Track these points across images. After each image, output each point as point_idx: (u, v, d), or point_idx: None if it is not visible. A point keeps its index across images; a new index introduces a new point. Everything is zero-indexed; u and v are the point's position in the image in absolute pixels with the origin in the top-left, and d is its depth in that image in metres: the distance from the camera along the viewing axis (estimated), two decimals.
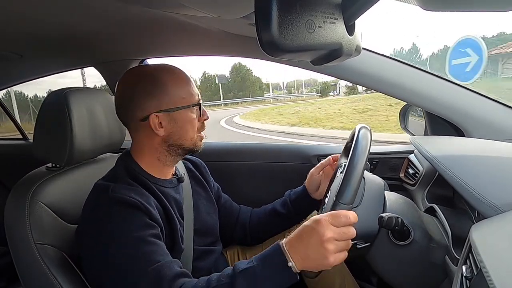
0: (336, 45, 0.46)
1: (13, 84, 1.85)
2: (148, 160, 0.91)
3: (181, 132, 0.89)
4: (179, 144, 0.90)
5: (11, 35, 1.05)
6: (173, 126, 0.88)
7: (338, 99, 20.34)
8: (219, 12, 0.78)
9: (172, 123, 0.87)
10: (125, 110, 0.89)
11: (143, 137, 0.89)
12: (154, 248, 0.77)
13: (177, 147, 0.90)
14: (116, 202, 0.79)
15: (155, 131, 0.87)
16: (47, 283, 0.85)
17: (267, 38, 0.38)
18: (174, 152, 0.91)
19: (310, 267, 0.69)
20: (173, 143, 0.89)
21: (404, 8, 66.68)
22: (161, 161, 0.91)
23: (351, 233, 0.69)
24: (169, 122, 0.87)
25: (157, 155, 0.90)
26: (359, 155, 0.76)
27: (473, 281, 0.55)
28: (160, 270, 0.74)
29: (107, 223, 0.77)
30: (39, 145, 0.95)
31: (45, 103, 0.94)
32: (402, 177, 1.25)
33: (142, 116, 0.86)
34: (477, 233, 0.62)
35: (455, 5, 0.37)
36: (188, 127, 0.89)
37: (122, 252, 0.75)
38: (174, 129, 0.88)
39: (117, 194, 0.79)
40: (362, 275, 1.29)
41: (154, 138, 0.88)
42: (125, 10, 0.89)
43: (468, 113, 1.06)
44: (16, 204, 0.88)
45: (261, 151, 1.57)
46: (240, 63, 41.14)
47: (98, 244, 0.77)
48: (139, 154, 0.91)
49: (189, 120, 0.89)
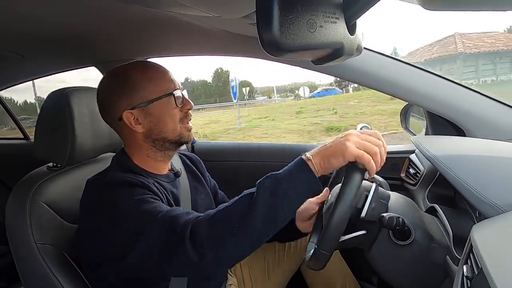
0: (337, 44, 0.46)
1: (14, 84, 1.85)
2: (139, 158, 0.90)
3: (160, 125, 0.87)
4: (163, 137, 0.88)
5: (12, 35, 1.05)
6: (150, 121, 0.86)
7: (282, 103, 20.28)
8: (220, 11, 0.78)
9: (149, 118, 0.86)
10: (104, 112, 0.90)
11: (127, 136, 0.90)
12: (157, 204, 0.76)
13: (162, 141, 0.89)
14: (112, 183, 0.79)
15: (133, 128, 0.86)
16: (48, 283, 0.85)
17: (268, 37, 0.38)
18: (161, 147, 0.89)
19: (329, 163, 0.68)
20: (156, 137, 0.88)
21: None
22: (151, 157, 0.90)
23: (377, 143, 0.69)
24: (145, 117, 0.86)
25: (145, 152, 0.90)
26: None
27: (474, 281, 0.55)
28: (170, 213, 0.72)
29: (106, 198, 0.77)
30: (40, 144, 0.95)
31: (46, 103, 0.94)
32: (403, 177, 1.24)
33: (118, 116, 0.86)
34: (478, 233, 0.62)
35: (456, 4, 0.37)
36: (166, 118, 0.87)
37: (127, 216, 0.73)
38: (152, 124, 0.87)
39: (113, 178, 0.80)
40: (363, 275, 1.29)
41: (137, 136, 0.88)
42: (125, 9, 0.89)
43: (469, 112, 1.06)
44: (17, 203, 0.88)
45: (262, 150, 1.57)
46: (222, 68, 41.19)
47: (102, 219, 0.76)
48: (130, 153, 0.91)
49: (166, 111, 0.87)
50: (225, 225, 0.67)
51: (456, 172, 0.75)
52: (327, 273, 1.06)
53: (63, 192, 0.94)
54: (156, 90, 0.86)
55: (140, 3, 0.82)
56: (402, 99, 1.13)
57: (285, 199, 0.67)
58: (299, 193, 0.68)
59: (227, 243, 0.66)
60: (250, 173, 1.54)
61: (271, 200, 0.66)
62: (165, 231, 0.70)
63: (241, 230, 0.66)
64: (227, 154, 1.60)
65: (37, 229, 0.86)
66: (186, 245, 0.67)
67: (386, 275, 0.82)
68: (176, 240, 0.68)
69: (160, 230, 0.70)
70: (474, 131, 1.05)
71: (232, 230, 0.66)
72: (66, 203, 0.94)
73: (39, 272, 0.85)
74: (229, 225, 0.66)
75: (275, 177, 0.68)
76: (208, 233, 0.67)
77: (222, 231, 0.67)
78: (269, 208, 0.66)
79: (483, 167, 0.77)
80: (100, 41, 1.21)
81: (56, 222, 0.91)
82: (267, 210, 0.66)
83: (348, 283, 1.11)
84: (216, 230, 0.67)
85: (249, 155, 1.56)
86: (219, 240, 0.67)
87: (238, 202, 0.69)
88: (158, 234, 0.70)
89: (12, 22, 0.93)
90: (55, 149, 0.93)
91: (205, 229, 0.67)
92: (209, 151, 1.65)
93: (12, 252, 0.88)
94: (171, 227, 0.70)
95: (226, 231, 0.66)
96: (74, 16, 0.92)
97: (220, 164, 1.55)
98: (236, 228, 0.66)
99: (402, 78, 1.09)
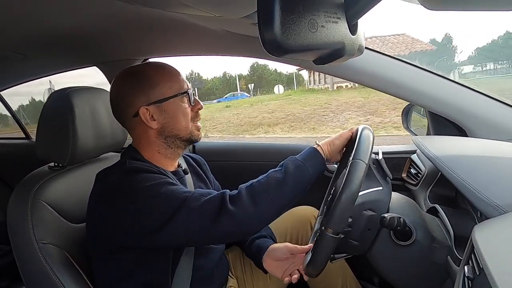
0: (338, 44, 0.46)
1: (16, 83, 1.85)
2: (149, 154, 0.92)
3: (174, 122, 0.90)
4: (175, 134, 0.91)
5: (14, 35, 1.05)
6: (164, 117, 0.89)
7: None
8: (222, 11, 0.78)
9: (164, 114, 0.89)
10: (118, 110, 0.92)
11: (140, 133, 0.91)
12: (181, 187, 0.84)
13: (174, 138, 0.91)
14: (132, 169, 0.84)
15: (148, 124, 0.88)
16: (49, 282, 0.85)
17: (269, 37, 0.38)
18: (172, 144, 0.92)
19: (333, 144, 0.91)
20: (169, 134, 0.91)
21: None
22: (162, 153, 0.92)
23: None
24: (160, 113, 0.89)
25: (156, 148, 0.92)
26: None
27: (475, 281, 0.55)
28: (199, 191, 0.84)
29: (129, 182, 0.81)
30: (42, 144, 0.95)
31: (48, 103, 0.94)
32: (404, 177, 1.24)
33: (134, 112, 0.88)
34: (479, 233, 0.62)
35: (458, 4, 0.37)
36: (180, 116, 0.90)
37: (161, 193, 0.79)
38: (166, 120, 0.89)
39: (132, 165, 0.85)
40: (364, 275, 1.28)
41: (150, 132, 0.90)
42: (127, 9, 0.89)
43: (471, 112, 1.05)
44: (19, 203, 0.88)
45: (263, 150, 1.57)
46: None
47: (127, 201, 0.79)
48: (140, 149, 0.92)
49: (179, 109, 0.90)
50: (264, 191, 0.81)
51: (457, 172, 0.74)
52: (328, 274, 1.06)
53: (65, 191, 0.94)
54: (171, 88, 0.89)
55: (142, 3, 0.82)
56: (404, 99, 1.13)
57: (305, 173, 0.85)
58: (314, 171, 0.86)
59: (266, 203, 0.81)
60: (251, 173, 1.53)
61: (297, 173, 0.84)
62: (203, 202, 0.80)
63: (277, 195, 0.81)
64: (228, 153, 1.60)
65: (38, 228, 0.86)
66: (228, 205, 0.78)
67: (387, 275, 0.82)
68: (218, 203, 0.79)
69: (197, 201, 0.79)
70: (475, 131, 1.05)
71: (269, 195, 0.81)
72: (68, 202, 0.94)
73: (40, 271, 0.85)
74: (267, 191, 0.81)
75: (295, 158, 0.87)
76: (250, 196, 0.80)
77: (261, 195, 0.81)
78: (294, 180, 0.83)
79: (485, 167, 0.77)
80: (102, 41, 1.21)
81: (58, 222, 0.91)
82: (294, 182, 0.83)
83: (349, 283, 1.11)
84: (257, 194, 0.81)
85: (250, 155, 1.56)
86: (259, 200, 0.80)
87: (271, 176, 0.84)
88: (196, 203, 0.79)
89: (14, 22, 0.94)
90: (56, 149, 0.93)
91: (246, 194, 0.81)
92: (210, 150, 1.65)
93: (13, 251, 0.88)
94: (209, 197, 0.81)
95: (265, 195, 0.81)
96: (76, 16, 0.92)
97: (221, 164, 1.55)
98: (272, 194, 0.81)
99: (403, 78, 1.09)
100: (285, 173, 0.84)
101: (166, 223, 0.77)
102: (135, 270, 0.86)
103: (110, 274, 0.88)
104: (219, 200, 0.80)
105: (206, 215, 0.78)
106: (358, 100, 11.26)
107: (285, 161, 0.87)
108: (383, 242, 0.79)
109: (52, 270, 0.85)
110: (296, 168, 0.85)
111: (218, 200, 0.80)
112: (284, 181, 0.82)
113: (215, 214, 0.78)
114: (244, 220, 0.79)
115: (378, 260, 0.81)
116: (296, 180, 0.83)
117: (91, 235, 0.88)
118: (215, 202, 0.79)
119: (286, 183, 0.82)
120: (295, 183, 0.83)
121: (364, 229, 0.81)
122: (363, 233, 0.81)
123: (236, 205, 0.79)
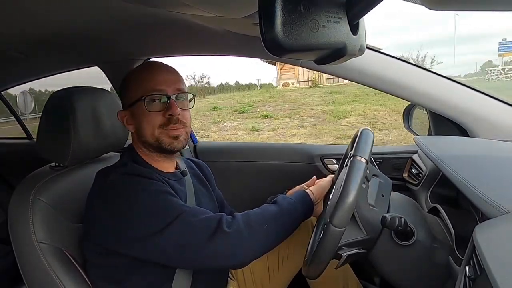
0: (340, 44, 0.46)
1: (17, 83, 1.86)
2: (144, 155, 0.92)
3: (139, 127, 0.88)
4: (143, 140, 0.88)
5: (16, 35, 1.05)
6: (135, 122, 0.88)
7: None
8: (223, 11, 0.78)
9: (133, 119, 0.88)
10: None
11: (131, 134, 0.94)
12: (177, 199, 0.83)
13: (146, 143, 0.88)
14: (131, 172, 0.83)
15: (127, 128, 0.91)
16: (50, 282, 0.85)
17: (270, 37, 0.38)
18: (151, 148, 0.89)
19: (322, 187, 0.97)
20: (141, 139, 0.89)
21: None
22: (149, 156, 0.91)
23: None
24: (131, 117, 0.89)
25: (143, 150, 0.91)
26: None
27: (476, 282, 0.55)
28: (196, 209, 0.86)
29: (122, 188, 0.80)
30: (43, 144, 0.95)
31: (49, 103, 0.94)
32: (406, 177, 1.24)
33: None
34: (481, 233, 0.62)
35: (460, 4, 0.37)
36: (143, 122, 0.86)
37: (159, 199, 0.80)
38: (136, 125, 0.89)
39: (132, 168, 0.85)
40: (365, 275, 1.28)
41: (133, 135, 0.92)
42: (129, 9, 0.89)
43: (472, 113, 1.05)
44: (20, 203, 0.88)
45: (264, 150, 1.57)
46: None
47: (126, 201, 0.78)
48: (137, 149, 0.92)
49: (143, 114, 0.85)
50: (259, 220, 0.83)
51: (458, 172, 0.74)
52: (329, 274, 1.06)
53: (66, 191, 0.94)
54: (137, 91, 0.86)
55: (144, 3, 0.82)
56: (405, 99, 1.13)
57: (297, 210, 0.89)
58: (303, 210, 0.91)
59: (261, 232, 0.82)
60: (251, 173, 1.54)
61: (291, 208, 0.88)
62: (201, 218, 0.80)
63: (270, 225, 0.83)
64: (229, 154, 1.60)
65: (39, 228, 0.86)
66: (224, 227, 0.79)
67: (388, 275, 0.82)
68: (215, 223, 0.79)
69: (194, 216, 0.80)
70: (477, 131, 1.05)
71: (264, 225, 0.82)
72: (69, 202, 0.94)
73: (41, 271, 0.86)
74: (262, 221, 0.83)
75: (287, 197, 0.92)
76: (245, 223, 0.81)
77: (256, 223, 0.82)
78: (288, 214, 0.87)
79: (486, 168, 0.77)
80: (104, 41, 1.21)
81: (58, 222, 0.91)
82: (287, 216, 0.87)
83: (350, 283, 1.10)
84: (252, 222, 0.82)
85: (251, 155, 1.57)
86: (254, 228, 0.81)
87: (266, 209, 0.87)
88: (194, 218, 0.79)
89: (16, 22, 0.94)
90: (57, 149, 0.94)
91: (242, 220, 0.82)
92: (211, 151, 1.65)
93: (14, 251, 0.88)
94: (205, 216, 0.81)
95: (260, 224, 0.82)
96: (78, 16, 0.92)
97: (222, 164, 1.55)
98: (267, 224, 0.83)
99: (405, 78, 1.09)
100: (279, 207, 0.87)
101: (161, 231, 0.75)
102: (135, 271, 0.85)
103: (106, 275, 0.87)
104: (217, 220, 0.79)
105: (202, 231, 0.78)
106: None
107: (278, 197, 0.91)
108: (384, 242, 0.79)
109: (53, 269, 0.85)
110: (289, 205, 0.88)
111: (216, 219, 0.80)
112: (279, 213, 0.85)
113: (211, 232, 0.77)
114: (237, 244, 0.79)
115: (379, 260, 0.81)
116: (289, 214, 0.87)
117: (85, 234, 0.87)
118: (213, 221, 0.79)
119: (280, 216, 0.85)
120: (288, 217, 0.87)
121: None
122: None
123: (232, 228, 0.79)
